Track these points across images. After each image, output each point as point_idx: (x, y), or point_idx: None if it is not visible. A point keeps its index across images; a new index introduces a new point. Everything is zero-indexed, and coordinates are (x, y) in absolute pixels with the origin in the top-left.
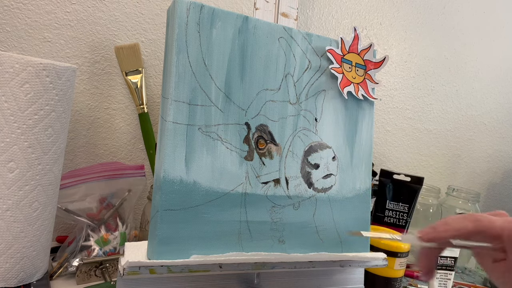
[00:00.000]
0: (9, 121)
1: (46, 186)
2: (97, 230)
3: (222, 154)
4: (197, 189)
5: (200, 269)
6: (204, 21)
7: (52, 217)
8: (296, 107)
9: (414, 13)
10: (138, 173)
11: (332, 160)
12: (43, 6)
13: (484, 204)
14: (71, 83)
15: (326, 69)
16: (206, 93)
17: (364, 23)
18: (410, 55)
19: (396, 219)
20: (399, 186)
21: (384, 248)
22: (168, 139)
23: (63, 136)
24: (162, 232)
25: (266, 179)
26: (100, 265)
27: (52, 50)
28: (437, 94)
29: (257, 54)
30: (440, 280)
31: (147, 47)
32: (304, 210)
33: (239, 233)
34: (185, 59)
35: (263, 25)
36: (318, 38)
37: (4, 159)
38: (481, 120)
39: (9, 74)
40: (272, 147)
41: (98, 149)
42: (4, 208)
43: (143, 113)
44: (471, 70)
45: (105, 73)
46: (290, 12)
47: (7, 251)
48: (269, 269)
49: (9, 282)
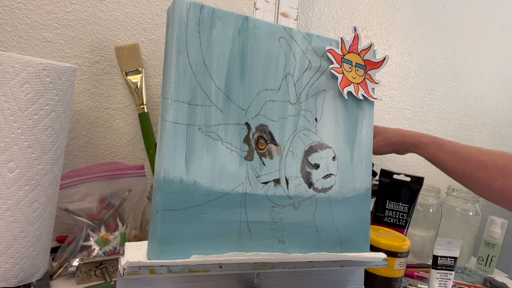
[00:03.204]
0: (9, 121)
1: (46, 186)
2: (97, 230)
3: (222, 154)
4: (197, 189)
5: (200, 269)
6: (204, 21)
7: (52, 217)
8: (296, 107)
9: (414, 13)
10: (138, 173)
11: (332, 160)
12: (43, 6)
13: (484, 204)
14: (71, 83)
15: (326, 69)
16: (206, 93)
17: (364, 23)
18: (410, 55)
19: (396, 219)
20: (399, 186)
21: (384, 248)
22: (168, 139)
23: (63, 136)
24: (162, 232)
25: (266, 179)
26: (100, 265)
27: (52, 50)
28: (437, 94)
29: (257, 54)
30: (440, 280)
31: (147, 47)
32: (304, 210)
33: (239, 233)
34: (185, 59)
35: (263, 25)
36: (318, 38)
37: (4, 159)
38: (481, 120)
39: (9, 74)
40: (272, 147)
41: (98, 149)
42: (4, 208)
43: (143, 113)
44: (471, 70)
45: (105, 73)
46: (290, 12)
47: (7, 251)
48: (269, 269)
49: (9, 282)
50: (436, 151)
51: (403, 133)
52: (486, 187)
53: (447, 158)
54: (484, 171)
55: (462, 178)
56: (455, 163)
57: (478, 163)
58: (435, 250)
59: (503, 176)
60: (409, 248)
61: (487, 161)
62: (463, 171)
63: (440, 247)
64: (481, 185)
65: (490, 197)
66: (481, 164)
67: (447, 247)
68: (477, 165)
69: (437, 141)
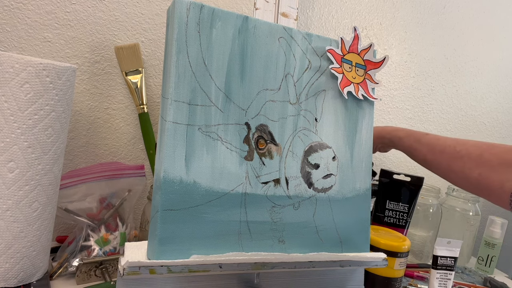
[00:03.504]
0: (9, 121)
1: (46, 186)
2: (97, 230)
3: (222, 154)
4: (197, 189)
5: (200, 269)
6: (204, 21)
7: (52, 217)
8: (296, 107)
9: (414, 13)
10: (138, 173)
11: (332, 160)
12: (43, 6)
13: (484, 204)
14: (71, 83)
15: (326, 69)
16: (206, 93)
17: (364, 23)
18: (410, 55)
19: (396, 219)
20: (399, 186)
21: (384, 248)
22: (168, 139)
23: (63, 136)
24: (162, 232)
25: (266, 179)
26: (100, 265)
27: (52, 50)
28: (437, 94)
29: (257, 54)
30: (440, 280)
31: (147, 47)
32: (304, 210)
33: (239, 233)
34: (185, 59)
35: (263, 25)
36: (318, 38)
37: (4, 159)
38: (481, 120)
39: (9, 74)
40: (272, 147)
41: (98, 149)
42: (4, 208)
43: (143, 113)
44: (471, 70)
45: (105, 73)
46: (290, 12)
47: (7, 251)
48: (269, 269)
49: (9, 282)
50: (413, 143)
51: (380, 129)
52: (463, 178)
53: (424, 150)
54: (460, 162)
55: (439, 170)
56: (432, 155)
57: (453, 154)
58: (435, 250)
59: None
60: (409, 248)
61: (463, 152)
62: (439, 163)
63: (440, 247)
64: (458, 177)
65: (467, 187)
66: (457, 155)
67: (447, 247)
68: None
69: (413, 134)
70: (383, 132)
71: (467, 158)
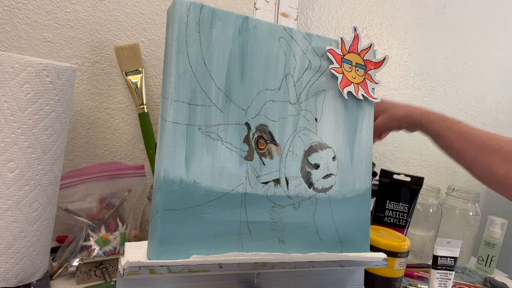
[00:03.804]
0: (9, 121)
1: (46, 186)
2: (97, 230)
3: (222, 154)
4: (197, 189)
5: (200, 269)
6: (204, 21)
7: (52, 217)
8: (296, 107)
9: (414, 13)
10: (138, 173)
11: (332, 160)
12: (43, 6)
13: (484, 204)
14: (71, 83)
15: (326, 69)
16: (206, 93)
17: (364, 23)
18: (410, 55)
19: (396, 219)
20: (399, 186)
21: (384, 248)
22: (168, 139)
23: (63, 136)
24: (162, 232)
25: (266, 179)
26: (100, 265)
27: (52, 50)
28: (437, 94)
29: (257, 54)
30: (440, 280)
31: (147, 47)
32: (304, 210)
33: (239, 233)
34: (185, 59)
35: (263, 25)
36: (318, 38)
37: (4, 159)
38: (481, 120)
39: (9, 74)
40: (272, 147)
41: (98, 149)
42: (4, 208)
43: (143, 113)
44: (471, 70)
45: (105, 73)
46: (290, 12)
47: (7, 251)
48: (269, 269)
49: (9, 282)
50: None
51: (411, 108)
52: (488, 174)
53: (453, 137)
54: (488, 155)
55: (465, 160)
56: (460, 144)
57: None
58: (435, 250)
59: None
60: (409, 248)
61: (494, 146)
62: (466, 153)
63: (440, 247)
64: (482, 171)
65: (490, 183)
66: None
67: (447, 247)
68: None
69: (445, 120)
70: (414, 112)
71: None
